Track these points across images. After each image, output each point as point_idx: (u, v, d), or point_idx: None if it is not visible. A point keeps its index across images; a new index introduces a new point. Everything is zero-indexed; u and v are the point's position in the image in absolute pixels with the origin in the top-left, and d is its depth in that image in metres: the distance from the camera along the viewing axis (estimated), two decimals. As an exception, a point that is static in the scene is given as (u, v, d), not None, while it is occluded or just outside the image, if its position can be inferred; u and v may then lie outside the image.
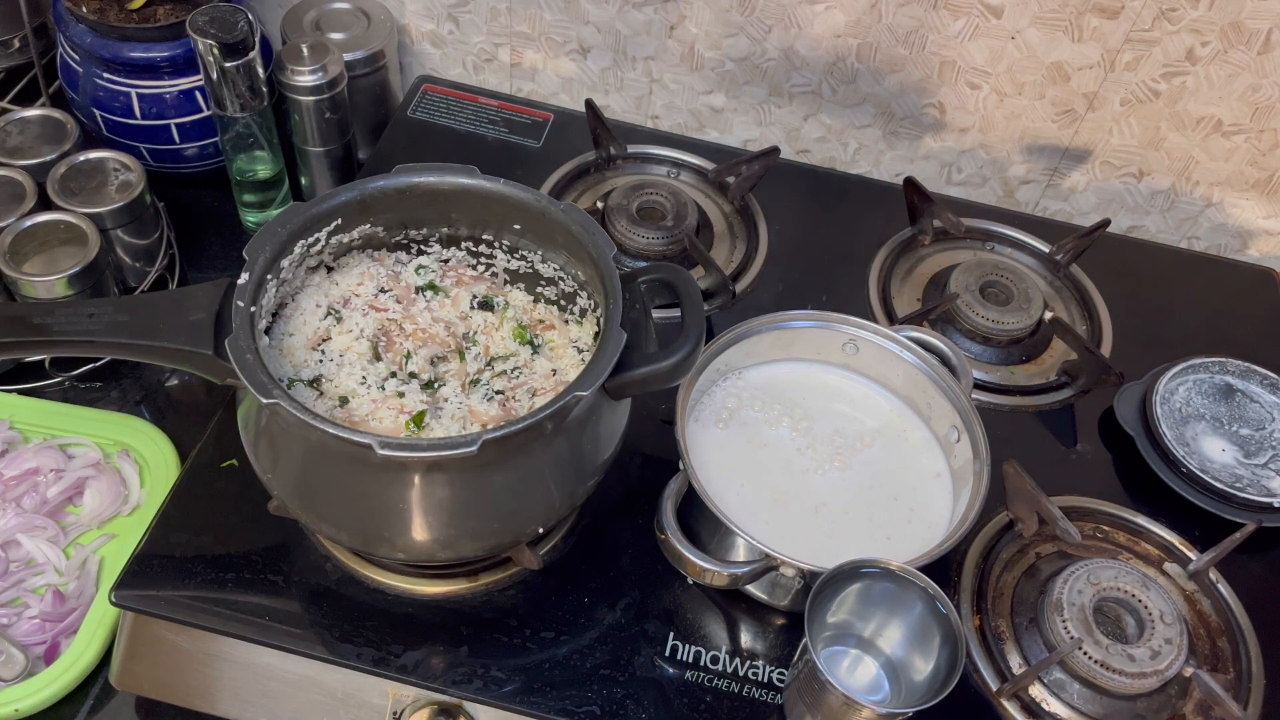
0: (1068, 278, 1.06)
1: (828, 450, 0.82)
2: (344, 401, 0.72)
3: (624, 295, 0.69)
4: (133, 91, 0.99)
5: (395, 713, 0.74)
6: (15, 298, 0.90)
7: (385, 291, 0.78)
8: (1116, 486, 0.89)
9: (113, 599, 0.74)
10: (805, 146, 1.18)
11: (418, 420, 0.71)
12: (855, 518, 0.79)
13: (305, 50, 0.98)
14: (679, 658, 0.75)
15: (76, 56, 1.00)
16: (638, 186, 1.03)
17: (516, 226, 0.77)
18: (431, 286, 0.79)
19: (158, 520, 0.78)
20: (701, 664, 0.75)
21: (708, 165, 1.10)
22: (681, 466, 0.75)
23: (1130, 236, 1.15)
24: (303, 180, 1.08)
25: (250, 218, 1.07)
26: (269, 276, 0.69)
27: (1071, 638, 0.73)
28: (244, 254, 0.68)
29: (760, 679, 0.74)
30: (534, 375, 0.76)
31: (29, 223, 0.90)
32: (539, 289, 0.80)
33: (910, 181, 1.05)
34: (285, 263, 0.71)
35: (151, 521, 0.78)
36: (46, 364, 0.94)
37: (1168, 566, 0.83)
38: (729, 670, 0.75)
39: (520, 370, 0.76)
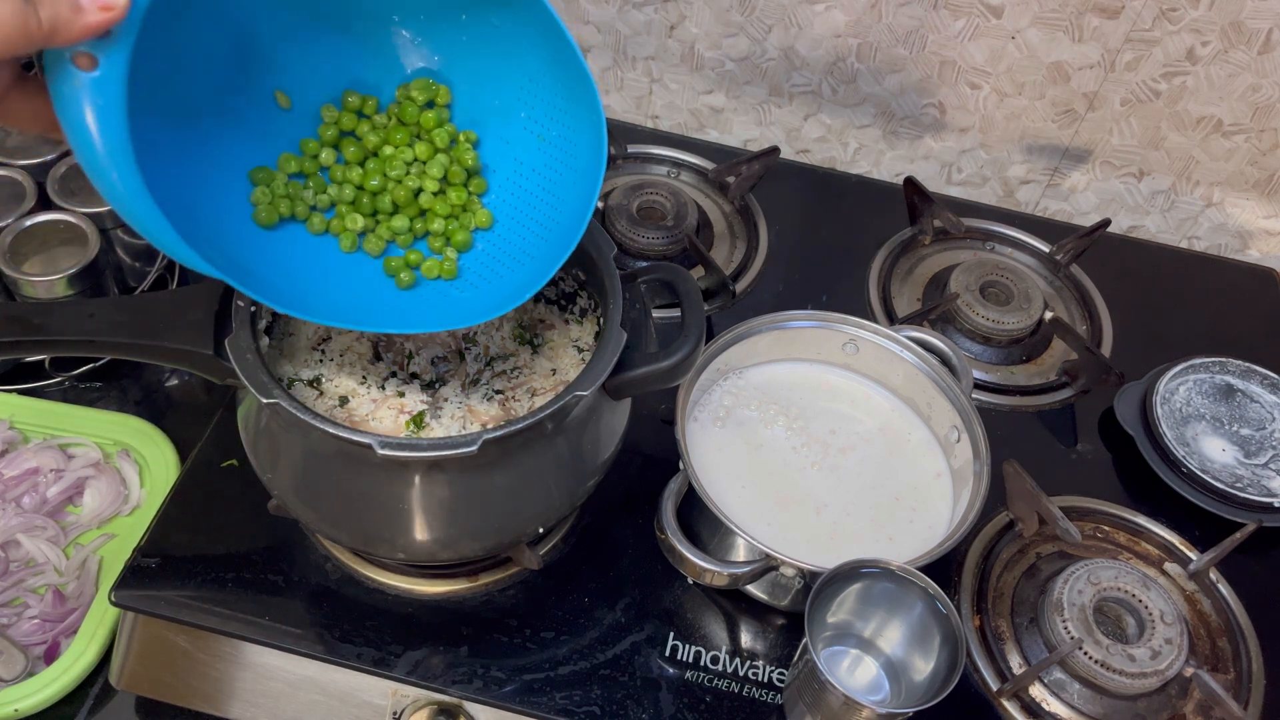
0: (1068, 278, 1.06)
1: (821, 449, 0.82)
2: (344, 401, 0.72)
3: (624, 295, 0.69)
4: (133, 91, 0.99)
5: (395, 713, 0.74)
6: (15, 298, 0.90)
7: (385, 291, 0.78)
8: (1116, 486, 0.90)
9: (113, 599, 0.74)
10: (805, 146, 1.18)
11: (417, 420, 0.71)
12: (856, 518, 0.79)
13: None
14: (679, 658, 0.75)
15: (76, 56, 1.00)
16: (638, 186, 1.03)
17: (517, 226, 0.77)
18: None
19: (158, 520, 0.78)
20: (701, 664, 0.75)
21: (708, 165, 1.10)
22: (681, 466, 0.75)
23: (1130, 236, 1.15)
24: (303, 180, 1.08)
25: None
26: (269, 276, 0.69)
27: (1072, 638, 0.73)
28: (244, 254, 0.68)
29: (760, 679, 0.74)
30: (534, 375, 0.76)
31: (29, 222, 0.90)
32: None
33: (910, 181, 1.05)
34: (285, 263, 0.71)
35: (151, 521, 0.78)
36: (46, 364, 0.93)
37: (1168, 566, 0.83)
38: (729, 670, 0.75)
39: (520, 370, 0.76)
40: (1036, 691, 0.74)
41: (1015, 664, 0.76)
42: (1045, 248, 1.07)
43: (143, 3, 0.45)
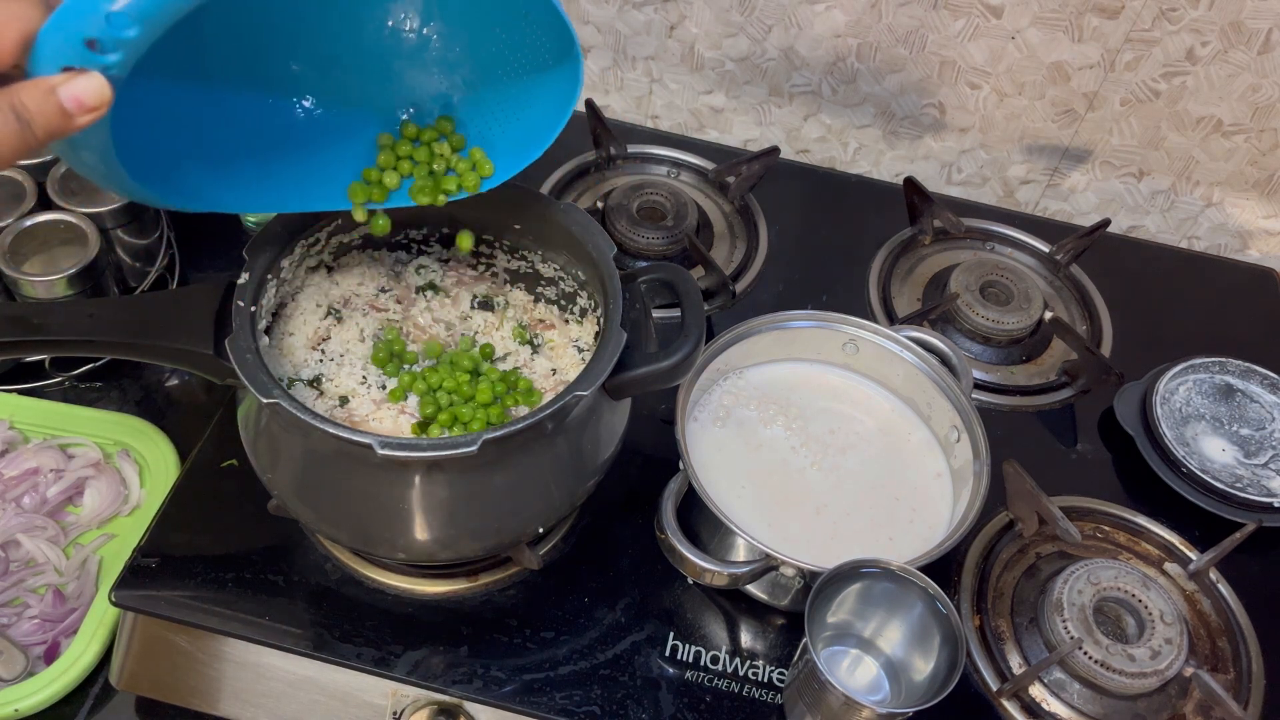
0: (1068, 278, 1.06)
1: (821, 449, 0.82)
2: (344, 401, 0.72)
3: (624, 295, 0.69)
4: (133, 91, 0.99)
5: (395, 713, 0.74)
6: (15, 298, 0.90)
7: (385, 291, 0.78)
8: (1116, 486, 0.90)
9: (113, 599, 0.74)
10: (805, 146, 1.18)
11: (423, 425, 0.71)
12: (857, 518, 0.79)
13: (305, 50, 0.98)
14: (679, 658, 0.75)
15: (76, 56, 1.00)
16: (638, 186, 1.03)
17: (517, 226, 0.77)
18: (431, 286, 0.79)
19: (158, 520, 0.78)
20: (701, 664, 0.75)
21: (708, 165, 1.10)
22: (681, 466, 0.75)
23: (1130, 236, 1.15)
24: (303, 180, 1.08)
25: (250, 218, 1.07)
26: (269, 276, 0.69)
27: (1071, 638, 0.73)
28: (244, 254, 0.68)
29: (760, 679, 0.74)
30: (534, 375, 0.76)
31: (29, 222, 0.90)
32: (539, 289, 0.80)
33: (910, 181, 1.05)
34: (285, 262, 0.71)
35: (151, 521, 0.78)
36: (46, 364, 0.93)
37: (1168, 566, 0.83)
38: (729, 670, 0.75)
39: (520, 370, 0.76)
40: (1036, 691, 0.74)
41: (1015, 664, 0.76)
42: (1045, 248, 1.07)
43: (123, 75, 0.48)
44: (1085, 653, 0.72)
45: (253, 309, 0.66)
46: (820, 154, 1.19)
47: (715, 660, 0.75)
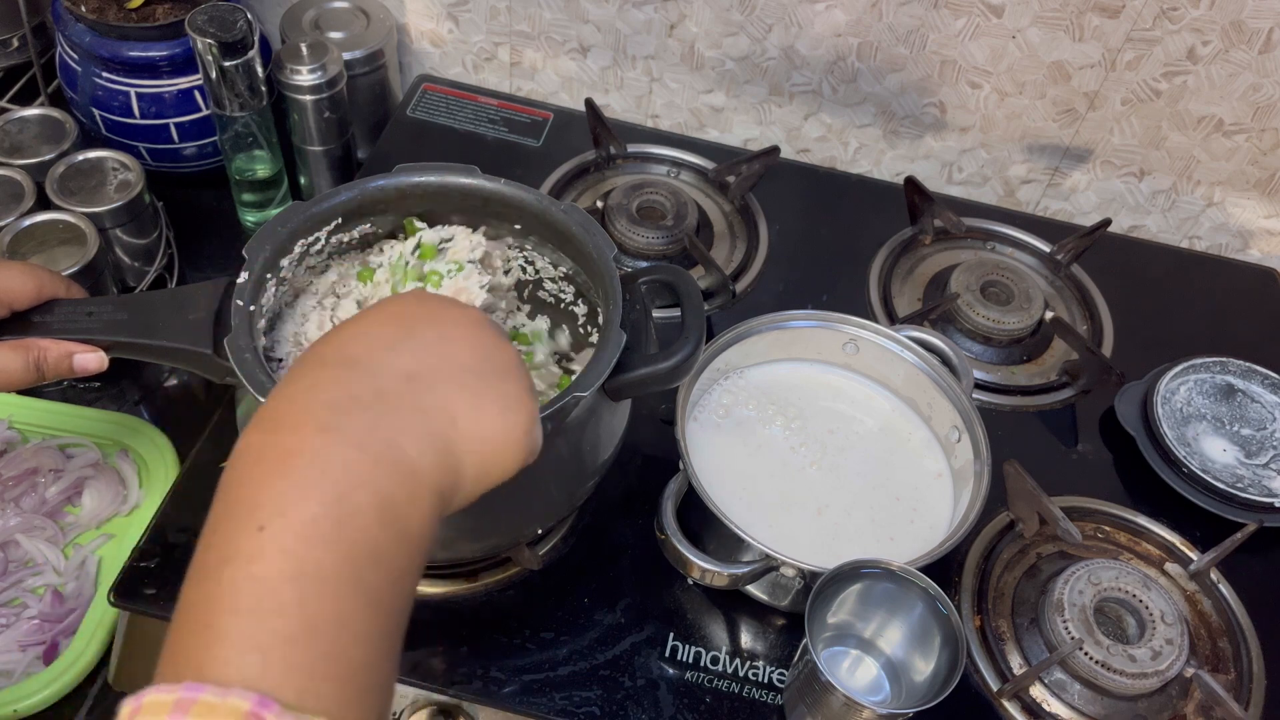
0: (1068, 277, 1.06)
1: (820, 449, 0.82)
2: (343, 401, 0.72)
3: (624, 296, 0.68)
4: (131, 91, 0.99)
5: (395, 713, 0.74)
6: (14, 297, 0.89)
7: (385, 291, 0.78)
8: (1117, 486, 0.89)
9: (111, 599, 0.74)
10: (805, 146, 1.18)
11: None
12: (857, 518, 0.79)
13: (304, 49, 0.98)
14: (679, 658, 0.75)
15: (75, 56, 1.00)
16: (638, 186, 1.03)
17: (517, 226, 0.77)
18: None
19: (156, 520, 0.78)
20: (701, 664, 0.75)
21: (708, 165, 1.10)
22: (681, 466, 0.75)
23: (1131, 236, 1.15)
24: (302, 180, 1.08)
25: (249, 217, 1.07)
26: (269, 276, 0.69)
27: (1072, 638, 0.73)
28: (244, 253, 0.68)
29: (760, 679, 0.74)
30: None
31: (28, 222, 0.90)
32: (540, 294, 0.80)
33: (911, 181, 1.05)
34: (285, 262, 0.71)
35: (150, 522, 0.78)
36: (46, 364, 0.93)
37: (1169, 567, 0.83)
38: (729, 671, 0.74)
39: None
40: (1037, 692, 0.74)
41: (1016, 664, 0.76)
42: (1046, 247, 1.07)
43: None
44: (1086, 653, 0.72)
45: (252, 308, 0.66)
46: (820, 153, 1.18)
47: (715, 661, 0.75)
